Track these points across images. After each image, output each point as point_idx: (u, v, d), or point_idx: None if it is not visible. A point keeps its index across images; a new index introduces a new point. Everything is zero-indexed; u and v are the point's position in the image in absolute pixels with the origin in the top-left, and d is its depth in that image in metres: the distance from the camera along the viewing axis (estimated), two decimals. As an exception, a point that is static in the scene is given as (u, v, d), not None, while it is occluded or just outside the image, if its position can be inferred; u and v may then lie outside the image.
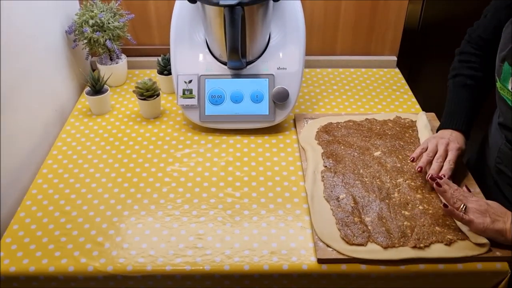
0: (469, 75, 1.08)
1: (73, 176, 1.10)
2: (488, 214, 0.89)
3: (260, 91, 1.21)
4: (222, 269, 0.89)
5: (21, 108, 1.10)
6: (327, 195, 1.01)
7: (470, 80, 1.08)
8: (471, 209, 0.90)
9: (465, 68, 1.09)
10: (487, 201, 0.92)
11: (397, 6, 1.47)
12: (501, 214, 0.89)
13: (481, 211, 0.90)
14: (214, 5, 1.08)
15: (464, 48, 1.11)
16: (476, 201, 0.92)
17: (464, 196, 0.93)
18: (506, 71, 0.93)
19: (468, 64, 1.08)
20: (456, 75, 1.10)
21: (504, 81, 0.94)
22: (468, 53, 1.09)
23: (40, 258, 0.90)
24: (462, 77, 1.09)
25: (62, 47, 1.33)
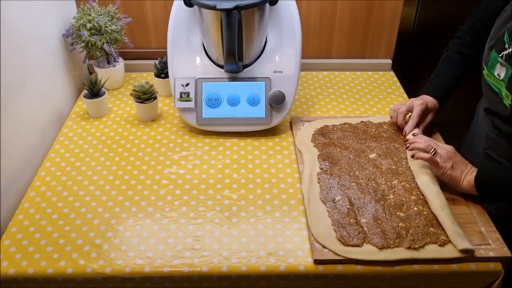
0: (457, 51, 1.17)
1: (71, 178, 1.11)
2: (451, 161, 1.01)
3: (256, 94, 1.23)
4: (220, 270, 0.90)
5: (19, 111, 1.11)
6: (323, 197, 1.02)
7: (457, 55, 1.16)
8: (439, 153, 1.02)
9: (456, 44, 1.18)
10: (455, 150, 1.03)
11: (392, 9, 1.48)
12: (462, 164, 1.01)
13: (446, 157, 1.01)
14: (211, 9, 1.09)
15: (464, 26, 1.18)
16: (444, 148, 1.03)
17: (435, 144, 1.05)
18: (493, 58, 1.00)
19: (460, 40, 1.17)
20: (447, 49, 1.20)
21: (491, 68, 1.01)
22: (463, 31, 1.17)
23: (38, 260, 0.91)
24: (451, 52, 1.18)
25: (59, 50, 1.33)
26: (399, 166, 1.10)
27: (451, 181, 1.01)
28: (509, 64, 0.95)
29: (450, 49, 1.19)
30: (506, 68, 0.96)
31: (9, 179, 1.06)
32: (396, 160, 1.12)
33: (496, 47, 0.99)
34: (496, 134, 1.07)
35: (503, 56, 0.97)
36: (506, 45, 0.96)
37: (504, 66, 0.96)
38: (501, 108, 1.02)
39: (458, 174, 1.00)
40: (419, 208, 0.99)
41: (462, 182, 0.99)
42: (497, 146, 1.08)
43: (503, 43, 0.97)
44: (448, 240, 0.92)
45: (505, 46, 0.97)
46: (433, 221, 0.96)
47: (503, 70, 0.97)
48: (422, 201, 1.01)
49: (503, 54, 0.97)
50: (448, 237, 0.92)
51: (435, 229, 0.94)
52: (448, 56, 1.18)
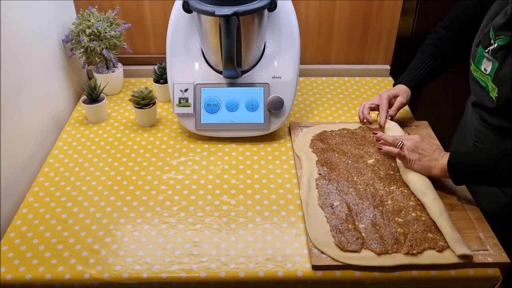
0: (431, 43, 1.22)
1: (70, 184, 1.11)
2: (417, 151, 1.03)
3: (255, 100, 1.23)
4: (218, 276, 0.90)
5: (18, 116, 1.11)
6: (322, 203, 1.02)
7: (431, 47, 1.22)
8: (406, 146, 1.04)
9: (432, 38, 1.23)
10: (422, 138, 1.06)
11: (390, 16, 1.49)
12: (430, 151, 1.03)
13: (413, 148, 1.04)
14: (210, 15, 1.10)
15: (441, 22, 1.24)
16: (411, 139, 1.06)
17: (403, 138, 1.07)
18: (480, 54, 1.04)
19: (436, 34, 1.23)
20: (424, 43, 1.26)
21: (478, 63, 1.05)
22: (440, 26, 1.23)
23: (36, 266, 0.91)
24: (426, 45, 1.24)
25: (58, 56, 1.34)
26: (397, 171, 1.10)
27: (422, 171, 1.03)
28: (495, 58, 1.00)
29: (425, 43, 1.25)
30: (492, 62, 1.00)
31: (8, 184, 1.06)
32: (394, 165, 1.12)
33: (482, 43, 1.03)
34: (484, 126, 1.11)
35: (489, 51, 1.01)
36: (492, 41, 1.01)
37: (491, 60, 1.01)
38: (488, 101, 1.05)
39: (428, 163, 1.01)
40: (417, 213, 0.99)
41: (434, 169, 1.01)
42: (485, 138, 1.11)
43: (489, 39, 1.01)
44: (447, 245, 0.92)
45: (491, 42, 1.01)
46: (431, 227, 0.96)
47: (489, 65, 1.01)
48: (420, 207, 1.01)
49: (489, 49, 1.01)
50: (447, 243, 0.92)
51: (434, 234, 0.94)
52: (423, 49, 1.24)
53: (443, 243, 0.92)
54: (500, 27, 0.98)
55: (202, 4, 1.12)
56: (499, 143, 1.08)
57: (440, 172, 1.00)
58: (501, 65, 0.98)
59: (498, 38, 0.99)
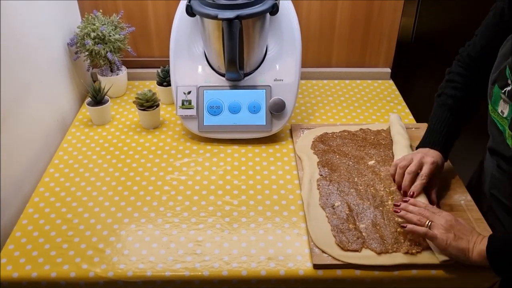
0: (450, 95, 1.07)
1: (74, 184, 1.13)
2: (453, 231, 0.88)
3: (257, 102, 1.25)
4: (221, 274, 0.91)
5: (23, 118, 1.13)
6: (323, 203, 1.04)
7: (451, 100, 1.07)
8: (436, 225, 0.90)
9: (449, 88, 1.08)
10: (455, 218, 0.92)
11: (390, 19, 1.51)
12: (466, 232, 0.89)
13: (446, 227, 0.89)
14: (213, 18, 1.12)
15: (452, 67, 1.11)
16: (443, 217, 0.91)
17: (431, 213, 0.93)
18: (496, 94, 0.92)
19: (452, 83, 1.08)
20: (440, 94, 1.11)
21: (495, 103, 0.94)
22: (454, 73, 1.09)
23: (42, 264, 0.93)
24: (445, 96, 1.09)
25: (63, 59, 1.36)
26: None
27: (458, 254, 0.87)
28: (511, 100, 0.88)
29: (443, 94, 1.09)
30: (509, 105, 0.89)
31: (14, 185, 1.08)
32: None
33: (498, 82, 0.91)
34: (500, 173, 1.01)
35: (505, 92, 0.89)
36: (508, 81, 0.89)
37: (507, 103, 0.89)
38: (504, 148, 0.95)
39: (465, 245, 0.87)
40: (417, 214, 1.00)
41: (472, 254, 0.86)
42: (501, 186, 1.02)
43: (505, 78, 0.89)
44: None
45: (507, 81, 0.89)
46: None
47: (506, 107, 0.90)
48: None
49: (506, 90, 0.89)
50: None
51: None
52: (443, 102, 1.08)
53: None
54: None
55: (205, 7, 1.14)
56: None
57: (479, 257, 0.86)
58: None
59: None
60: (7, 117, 1.06)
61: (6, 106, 1.05)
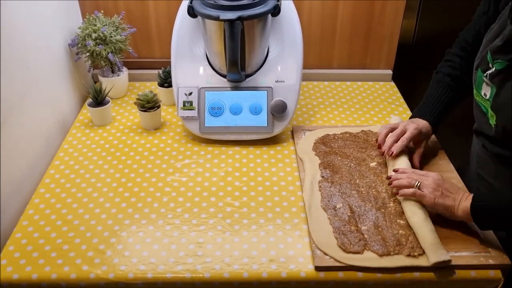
0: (447, 73, 1.15)
1: (75, 185, 1.12)
2: (440, 189, 0.95)
3: (258, 103, 1.24)
4: (222, 276, 0.91)
5: (24, 119, 1.13)
6: (324, 205, 1.03)
7: (448, 78, 1.14)
8: (424, 185, 0.97)
9: (446, 66, 1.16)
10: (443, 177, 0.98)
11: (392, 21, 1.51)
12: (453, 190, 0.95)
13: (434, 186, 0.96)
14: (215, 19, 1.12)
15: (452, 48, 1.18)
16: (431, 177, 0.98)
17: (419, 175, 1.00)
18: (479, 78, 0.99)
19: (450, 63, 1.16)
20: (438, 71, 1.18)
21: (478, 87, 1.00)
22: (452, 53, 1.16)
23: (42, 265, 0.92)
24: (441, 74, 1.16)
25: (64, 60, 1.35)
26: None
27: (445, 211, 0.95)
28: (493, 83, 0.94)
29: (440, 72, 1.17)
30: (491, 87, 0.95)
31: (14, 186, 1.08)
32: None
33: (481, 66, 0.98)
34: (485, 153, 1.06)
35: (487, 75, 0.96)
36: (489, 65, 0.95)
37: (489, 85, 0.95)
38: (487, 128, 1.00)
39: (451, 202, 0.94)
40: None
41: (457, 210, 0.93)
42: (486, 165, 1.07)
43: (487, 62, 0.96)
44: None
45: (489, 65, 0.95)
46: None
47: (489, 90, 0.96)
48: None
49: (487, 74, 0.96)
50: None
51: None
52: (439, 79, 1.16)
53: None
54: (497, 50, 0.93)
55: (207, 9, 1.14)
56: (497, 172, 1.03)
57: (463, 213, 0.92)
58: (499, 91, 0.93)
59: (496, 62, 0.93)
60: (8, 118, 1.05)
61: (7, 107, 1.05)
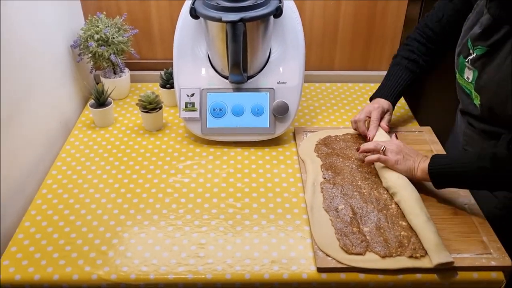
0: (405, 56, 1.25)
1: (77, 186, 1.12)
2: (402, 153, 1.06)
3: (260, 105, 1.24)
4: (224, 277, 0.91)
5: (26, 120, 1.13)
6: (326, 206, 1.03)
7: (405, 60, 1.24)
8: (388, 149, 1.07)
9: (404, 50, 1.26)
10: (405, 144, 1.09)
11: (393, 23, 1.51)
12: (413, 154, 1.06)
13: (397, 151, 1.06)
14: (217, 21, 1.12)
15: (411, 33, 1.27)
16: (394, 143, 1.09)
17: (385, 142, 1.11)
18: (462, 63, 1.06)
19: (408, 47, 1.25)
20: (396, 55, 1.28)
21: (461, 72, 1.08)
22: (412, 38, 1.25)
23: (45, 266, 0.92)
24: (399, 57, 1.26)
25: (67, 61, 1.36)
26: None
27: (406, 172, 1.04)
28: (474, 67, 1.02)
29: (398, 55, 1.27)
30: (473, 71, 1.03)
31: (17, 187, 1.08)
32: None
33: (462, 53, 1.06)
34: (471, 130, 1.13)
35: (469, 61, 1.03)
36: (470, 51, 1.03)
37: (471, 69, 1.03)
38: (472, 108, 1.09)
39: (411, 164, 1.04)
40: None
41: (416, 171, 1.03)
42: (473, 141, 1.14)
43: (467, 49, 1.04)
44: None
45: (469, 51, 1.03)
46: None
47: (471, 73, 1.04)
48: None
49: (469, 59, 1.03)
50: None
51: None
52: (397, 62, 1.26)
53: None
54: (476, 38, 1.00)
55: (209, 10, 1.14)
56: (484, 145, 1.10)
57: (422, 173, 1.02)
58: (481, 74, 1.01)
59: (476, 48, 1.01)
60: (11, 119, 1.05)
61: (9, 108, 1.05)
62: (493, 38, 0.97)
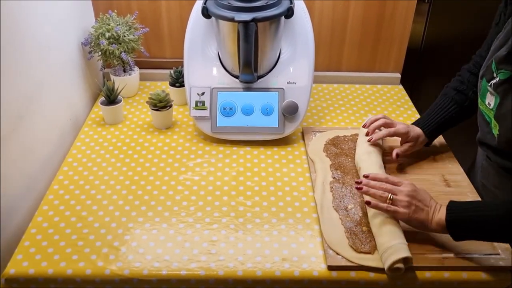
0: (454, 87, 1.15)
1: (88, 182, 1.13)
2: (414, 203, 0.92)
3: (270, 104, 1.26)
4: (236, 274, 0.92)
5: (38, 117, 1.14)
6: (336, 205, 1.05)
7: (453, 91, 1.15)
8: (397, 199, 0.93)
9: (455, 81, 1.17)
10: (416, 188, 0.94)
11: (401, 25, 1.52)
12: (426, 203, 0.93)
13: (407, 201, 0.92)
14: (229, 20, 1.13)
15: (466, 65, 1.17)
16: (403, 191, 0.93)
17: (392, 186, 0.96)
18: (484, 87, 1.00)
19: (459, 77, 1.16)
20: (447, 85, 1.19)
21: (483, 96, 1.01)
22: (465, 69, 1.16)
23: (58, 261, 0.93)
24: (450, 89, 1.16)
25: (77, 58, 1.37)
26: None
27: (419, 225, 0.92)
28: (496, 93, 0.95)
29: (448, 86, 1.18)
30: (495, 97, 0.96)
31: (29, 183, 1.09)
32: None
33: (486, 76, 0.98)
34: (488, 163, 1.07)
35: (491, 85, 0.96)
36: (494, 74, 0.96)
37: (493, 95, 0.96)
38: (490, 138, 1.02)
39: (425, 217, 0.91)
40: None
41: (431, 224, 0.91)
42: (489, 175, 1.08)
43: (491, 72, 0.97)
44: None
45: (493, 75, 0.96)
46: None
47: (493, 99, 0.97)
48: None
49: (492, 83, 0.96)
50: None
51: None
52: (445, 92, 1.17)
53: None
54: (501, 60, 0.93)
55: (221, 10, 1.15)
56: (500, 182, 1.04)
57: (438, 227, 0.90)
58: (502, 101, 0.93)
59: (500, 71, 0.93)
60: (24, 115, 1.06)
61: (22, 105, 1.06)
62: None
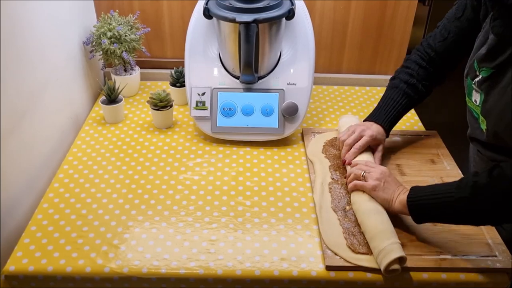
0: (404, 80, 1.17)
1: (88, 181, 1.14)
2: (383, 181, 0.99)
3: (270, 105, 1.26)
4: (234, 273, 0.92)
5: (39, 115, 1.14)
6: (335, 206, 1.05)
7: (404, 85, 1.17)
8: (369, 175, 1.01)
9: (403, 73, 1.18)
10: (390, 173, 1.02)
11: (402, 27, 1.53)
12: (394, 185, 0.99)
13: (378, 177, 0.99)
14: (231, 21, 1.14)
15: (411, 55, 1.20)
16: (378, 169, 1.02)
17: (368, 167, 1.04)
18: (469, 85, 1.03)
19: (408, 70, 1.18)
20: (394, 77, 1.21)
21: (469, 94, 1.04)
22: (411, 60, 1.19)
23: (57, 258, 0.94)
24: (398, 80, 1.19)
25: (79, 57, 1.37)
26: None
27: (383, 202, 0.98)
28: (481, 90, 0.98)
29: (397, 77, 1.19)
30: (480, 94, 0.99)
31: (29, 180, 1.09)
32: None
33: (470, 75, 1.02)
34: (480, 158, 1.10)
35: (475, 83, 1.00)
36: (477, 72, 0.99)
37: (478, 92, 0.99)
38: (479, 133, 1.04)
39: (390, 194, 0.97)
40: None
41: (394, 202, 0.96)
42: (481, 169, 1.06)
43: (474, 70, 1.00)
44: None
45: (476, 73, 0.99)
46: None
47: (478, 96, 1.00)
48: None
49: (476, 81, 0.99)
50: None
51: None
52: (396, 84, 1.18)
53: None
54: (482, 59, 0.96)
55: (222, 10, 1.16)
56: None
57: (399, 205, 0.94)
58: (487, 97, 0.97)
59: (481, 69, 0.97)
60: (24, 114, 1.07)
61: (23, 103, 1.06)
62: (499, 60, 0.92)
